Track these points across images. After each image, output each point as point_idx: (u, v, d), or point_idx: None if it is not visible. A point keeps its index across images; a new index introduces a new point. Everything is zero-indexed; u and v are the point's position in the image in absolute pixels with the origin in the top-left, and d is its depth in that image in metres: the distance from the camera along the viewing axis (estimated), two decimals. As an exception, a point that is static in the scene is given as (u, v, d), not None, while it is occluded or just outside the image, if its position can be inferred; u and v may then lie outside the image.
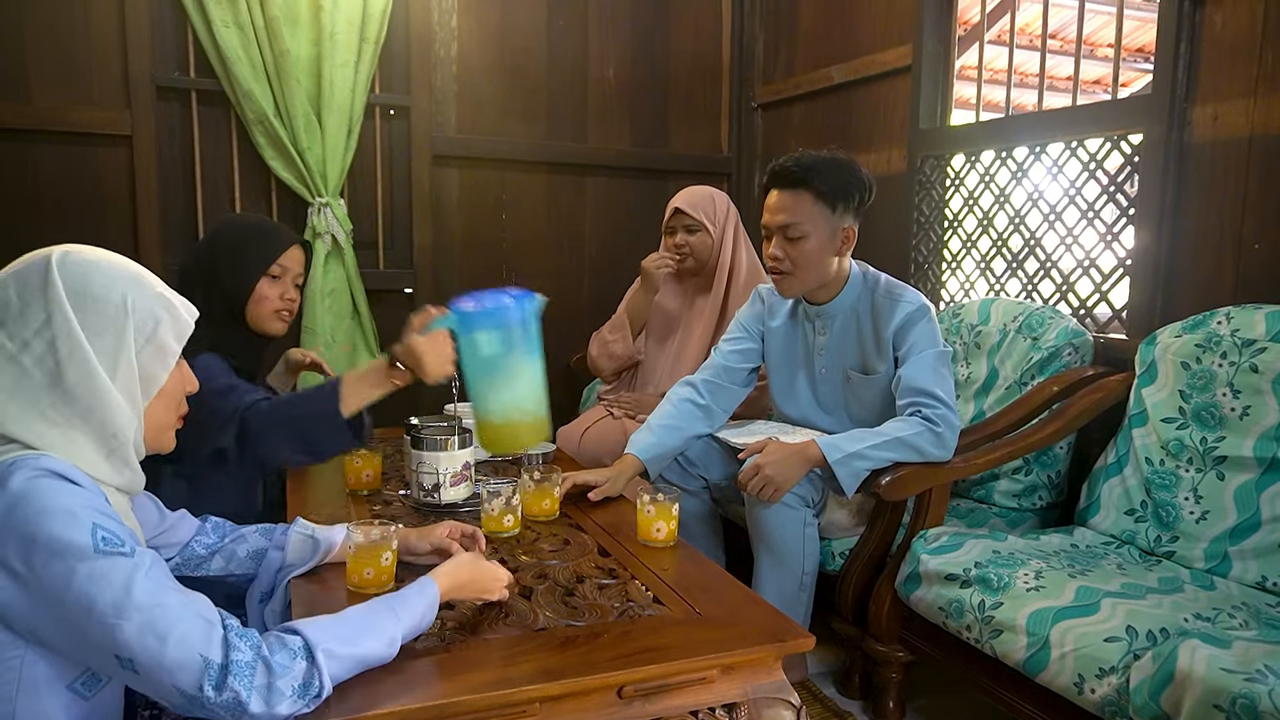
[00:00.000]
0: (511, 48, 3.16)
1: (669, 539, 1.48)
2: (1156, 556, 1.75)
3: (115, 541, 0.90)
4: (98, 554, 0.88)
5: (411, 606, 1.06)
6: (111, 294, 0.99)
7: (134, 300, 1.00)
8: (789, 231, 1.88)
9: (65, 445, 0.96)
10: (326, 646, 0.94)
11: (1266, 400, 1.66)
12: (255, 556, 1.30)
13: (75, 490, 0.92)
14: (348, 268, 2.87)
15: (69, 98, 2.63)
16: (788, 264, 1.90)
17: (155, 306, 1.02)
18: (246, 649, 0.90)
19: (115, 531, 0.90)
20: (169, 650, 0.87)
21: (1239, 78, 1.87)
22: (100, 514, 0.91)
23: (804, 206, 1.87)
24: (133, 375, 1.00)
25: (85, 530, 0.88)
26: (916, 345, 1.86)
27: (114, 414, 0.98)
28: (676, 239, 2.53)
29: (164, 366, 1.03)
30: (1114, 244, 2.18)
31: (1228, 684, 1.15)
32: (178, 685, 0.87)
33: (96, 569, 0.87)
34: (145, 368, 1.01)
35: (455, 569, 1.17)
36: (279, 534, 1.32)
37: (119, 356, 0.99)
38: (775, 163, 1.92)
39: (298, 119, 2.73)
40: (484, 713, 1.00)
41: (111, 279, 1.00)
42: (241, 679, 0.88)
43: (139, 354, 1.00)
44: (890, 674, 1.87)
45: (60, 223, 2.66)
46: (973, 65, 2.88)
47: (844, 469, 1.77)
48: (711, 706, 1.14)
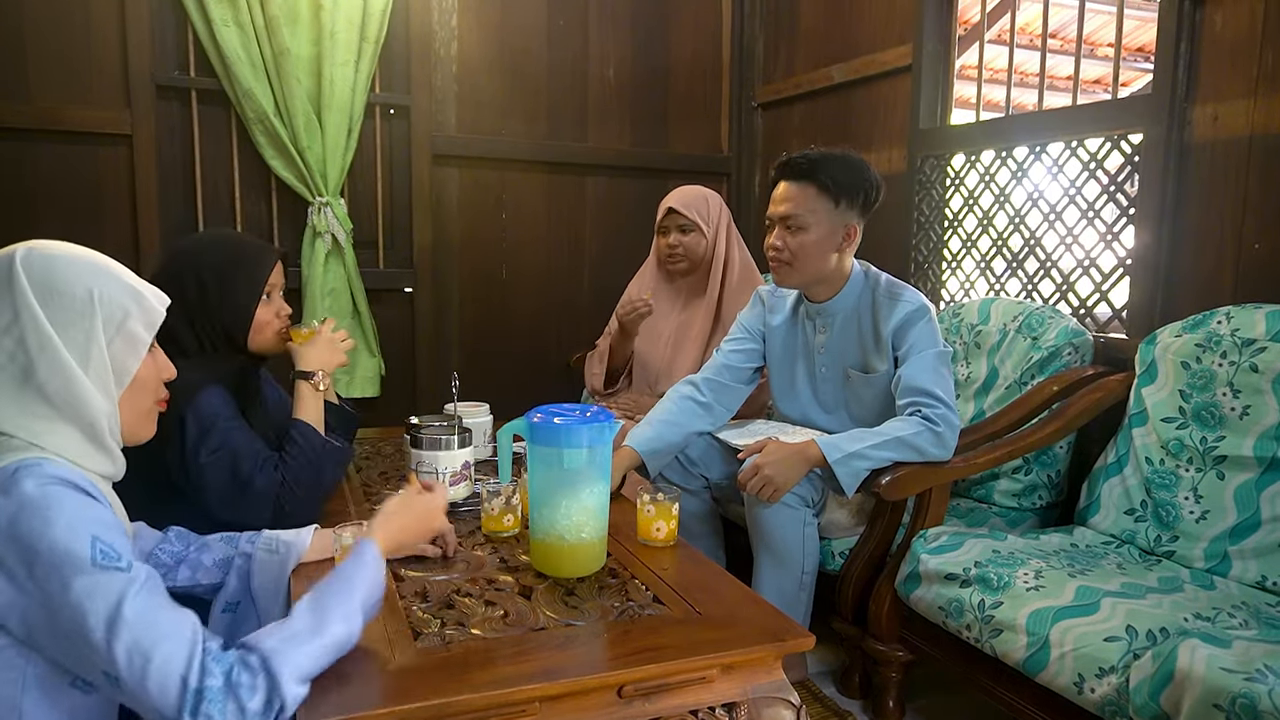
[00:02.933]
0: (511, 47, 3.16)
1: (669, 539, 1.48)
2: (1156, 556, 1.75)
3: (113, 556, 0.90)
4: (95, 568, 0.88)
5: (354, 577, 1.04)
6: (77, 287, 0.99)
7: (101, 292, 1.00)
8: (790, 222, 1.89)
9: (51, 437, 0.97)
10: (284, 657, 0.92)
11: (1266, 400, 1.66)
12: (221, 565, 1.29)
13: (82, 500, 0.92)
14: (348, 267, 2.87)
15: (69, 97, 2.63)
16: (787, 254, 1.91)
17: (123, 297, 1.02)
18: (219, 674, 0.89)
19: (114, 545, 0.91)
20: (152, 671, 0.87)
21: (1239, 78, 1.87)
22: (103, 526, 0.91)
23: (808, 199, 1.88)
24: (105, 366, 1.01)
25: (85, 543, 0.89)
26: (916, 345, 1.86)
27: (89, 405, 0.99)
28: (670, 239, 2.53)
29: (135, 356, 1.04)
30: (1114, 244, 2.18)
31: (1227, 684, 1.15)
32: (157, 706, 0.87)
33: (92, 583, 0.88)
34: (117, 358, 1.02)
35: (385, 519, 1.19)
36: (244, 541, 1.31)
37: (90, 348, 0.99)
38: (786, 155, 1.94)
39: (298, 118, 2.73)
40: (484, 712, 1.00)
41: (77, 272, 1.00)
42: (215, 705, 0.88)
43: (109, 345, 1.01)
44: (890, 674, 1.87)
45: (60, 222, 2.66)
46: (973, 65, 2.88)
47: (844, 469, 1.77)
48: (711, 706, 1.14)
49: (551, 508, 1.31)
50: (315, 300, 2.81)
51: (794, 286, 2.00)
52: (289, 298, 1.71)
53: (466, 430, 1.65)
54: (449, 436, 1.62)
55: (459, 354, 3.20)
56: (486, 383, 3.06)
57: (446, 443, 1.61)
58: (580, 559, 1.33)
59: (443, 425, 1.66)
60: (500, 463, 1.45)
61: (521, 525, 1.53)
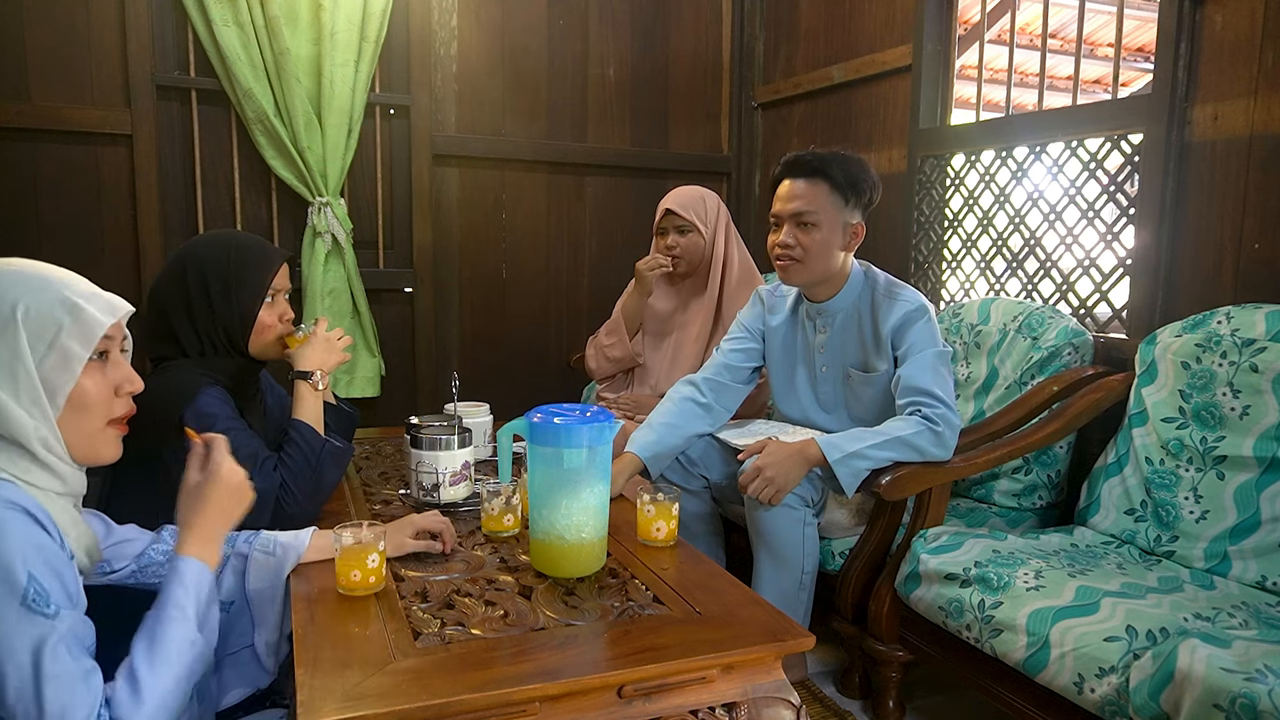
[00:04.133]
0: (511, 47, 3.16)
1: (669, 539, 1.48)
2: (1156, 556, 1.75)
3: (42, 600, 0.88)
4: (23, 607, 0.87)
5: (172, 584, 1.02)
6: (1, 304, 0.95)
7: (27, 307, 0.95)
8: (803, 218, 1.89)
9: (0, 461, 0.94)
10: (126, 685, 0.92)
11: (1266, 400, 1.66)
12: None
13: (30, 531, 0.90)
14: (348, 267, 2.87)
15: (69, 97, 2.63)
16: (798, 251, 1.91)
17: (55, 311, 0.97)
18: None
19: (46, 586, 0.89)
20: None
21: (1239, 77, 1.87)
22: (41, 561, 0.89)
23: (819, 196, 1.89)
24: (34, 386, 0.95)
25: (21, 575, 0.87)
26: (915, 345, 1.87)
27: (17, 428, 0.94)
28: (668, 240, 2.53)
29: (69, 373, 0.97)
30: (1114, 244, 2.18)
31: (1227, 683, 1.15)
32: None
33: (16, 622, 0.87)
34: (48, 377, 0.97)
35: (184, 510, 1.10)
36: (240, 541, 1.29)
37: (15, 367, 0.94)
38: (790, 154, 1.94)
39: (298, 118, 2.73)
40: (484, 712, 1.00)
41: (4, 288, 0.95)
42: None
43: (40, 364, 0.96)
44: (890, 673, 1.87)
45: (60, 222, 2.66)
46: (973, 65, 2.88)
47: (844, 468, 1.77)
48: (711, 706, 1.14)
49: (551, 508, 1.31)
50: (315, 300, 2.81)
51: (801, 284, 2.00)
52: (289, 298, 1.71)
53: (466, 430, 1.66)
54: (449, 436, 1.62)
55: (459, 354, 3.20)
56: (486, 383, 3.07)
57: (446, 443, 1.61)
58: (580, 559, 1.33)
59: (443, 425, 1.66)
60: (500, 463, 1.45)
61: (521, 525, 1.54)
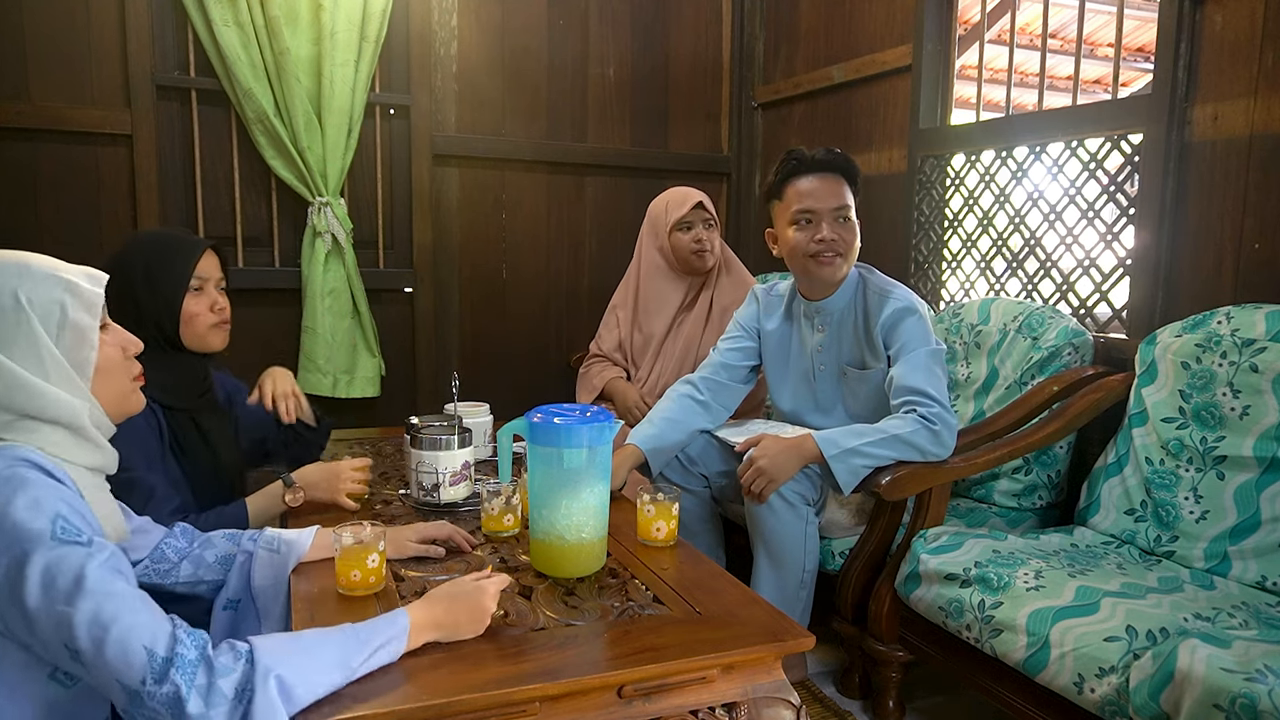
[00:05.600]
0: (511, 47, 3.16)
1: (669, 539, 1.48)
2: (1156, 556, 1.75)
3: (73, 531, 0.89)
4: (54, 541, 0.88)
5: (372, 639, 1.00)
6: (2, 296, 0.96)
7: (27, 293, 0.97)
8: (842, 213, 1.92)
9: (33, 438, 0.96)
10: (274, 657, 0.90)
11: (1266, 400, 1.66)
12: (223, 562, 1.28)
13: (47, 483, 0.92)
14: (348, 267, 2.86)
15: (69, 97, 2.63)
16: (842, 245, 1.93)
17: (54, 291, 0.99)
18: (192, 646, 0.88)
19: (75, 523, 0.90)
20: (113, 639, 0.85)
21: (1239, 78, 1.87)
22: (66, 505, 0.91)
23: (847, 192, 1.94)
24: (62, 366, 0.99)
25: (46, 519, 0.88)
26: (908, 344, 1.87)
27: (58, 409, 0.97)
28: (694, 233, 2.53)
29: (88, 344, 1.01)
30: (1114, 244, 2.18)
31: (1227, 684, 1.15)
32: (119, 678, 0.86)
33: (52, 556, 0.87)
34: (71, 353, 1.00)
35: (429, 603, 1.09)
36: (246, 539, 1.31)
37: (41, 354, 0.97)
38: (808, 151, 1.94)
39: (298, 118, 2.73)
40: (484, 712, 1.00)
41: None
42: (183, 673, 0.86)
43: (58, 343, 0.99)
44: (890, 674, 1.87)
45: (60, 222, 2.66)
46: (973, 65, 2.88)
47: (840, 465, 1.76)
48: (711, 706, 1.14)
49: (551, 508, 1.31)
50: (315, 300, 2.81)
51: (840, 280, 1.99)
52: (289, 298, 1.70)
53: (466, 430, 1.66)
54: (449, 436, 1.62)
55: (459, 354, 3.20)
56: (486, 383, 3.07)
57: (446, 443, 1.62)
58: (580, 559, 1.33)
59: (443, 425, 1.66)
60: (500, 463, 1.45)
61: (521, 525, 1.54)
